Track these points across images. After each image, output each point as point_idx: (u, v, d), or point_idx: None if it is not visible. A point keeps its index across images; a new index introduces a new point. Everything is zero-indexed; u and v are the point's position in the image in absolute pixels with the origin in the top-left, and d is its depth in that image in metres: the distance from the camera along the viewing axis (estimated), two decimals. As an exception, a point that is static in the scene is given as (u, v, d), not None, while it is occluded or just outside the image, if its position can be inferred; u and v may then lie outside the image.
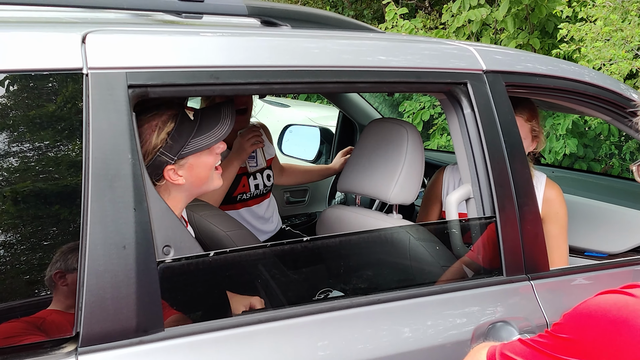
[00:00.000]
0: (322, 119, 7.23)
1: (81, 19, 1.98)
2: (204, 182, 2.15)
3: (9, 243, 1.59)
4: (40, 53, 1.65)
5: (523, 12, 6.95)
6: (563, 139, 6.08)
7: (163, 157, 2.03)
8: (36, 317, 1.64)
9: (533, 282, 2.25)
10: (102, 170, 1.64)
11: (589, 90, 2.58)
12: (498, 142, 2.24)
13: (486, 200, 2.23)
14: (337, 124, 4.64)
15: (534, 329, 2.16)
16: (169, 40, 1.87)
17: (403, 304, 2.06)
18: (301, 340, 1.87)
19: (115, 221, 1.64)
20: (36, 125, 1.66)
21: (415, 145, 2.56)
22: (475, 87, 2.26)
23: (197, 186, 2.14)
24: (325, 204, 4.54)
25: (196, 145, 2.07)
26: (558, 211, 2.92)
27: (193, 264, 1.84)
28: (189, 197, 2.18)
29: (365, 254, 2.30)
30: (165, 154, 2.03)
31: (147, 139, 2.01)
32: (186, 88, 1.83)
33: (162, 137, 2.03)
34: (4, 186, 1.60)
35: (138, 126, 1.85)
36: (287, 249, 2.12)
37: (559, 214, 2.92)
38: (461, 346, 2.04)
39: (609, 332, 1.48)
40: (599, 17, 5.56)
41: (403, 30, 7.26)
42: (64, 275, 1.63)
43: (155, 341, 1.68)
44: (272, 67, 1.94)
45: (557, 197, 2.94)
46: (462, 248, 2.39)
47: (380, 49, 2.24)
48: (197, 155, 2.09)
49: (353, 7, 11.09)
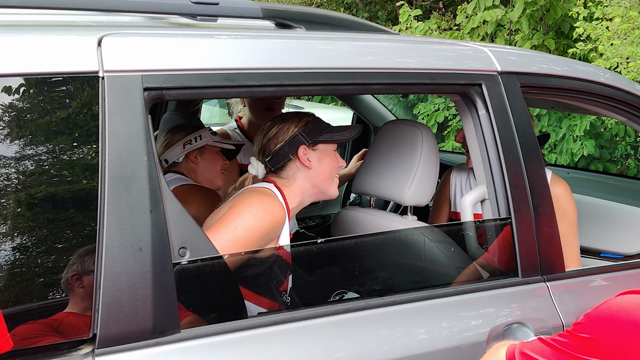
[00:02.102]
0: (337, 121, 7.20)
1: (97, 22, 1.99)
2: (327, 180, 2.41)
3: (27, 245, 1.60)
4: (57, 56, 1.66)
5: (538, 13, 6.92)
6: (580, 140, 6.06)
7: (300, 136, 2.36)
8: (53, 319, 1.65)
9: (549, 284, 2.24)
10: (118, 172, 1.65)
11: (604, 91, 2.57)
12: (513, 143, 2.24)
13: (501, 201, 2.23)
14: (351, 126, 4.63)
15: (550, 330, 2.15)
16: (184, 43, 1.88)
17: (418, 306, 2.05)
18: (316, 341, 1.87)
19: (132, 223, 1.65)
20: (53, 128, 1.67)
21: (429, 147, 2.55)
22: (490, 88, 2.26)
23: (321, 180, 2.40)
24: (339, 206, 4.53)
25: (329, 137, 2.41)
26: (565, 207, 2.89)
27: (209, 266, 1.85)
28: (310, 192, 2.41)
29: (380, 255, 2.30)
30: (303, 134, 2.36)
31: (287, 128, 2.37)
32: (201, 90, 1.84)
33: (301, 124, 2.38)
34: (21, 189, 1.61)
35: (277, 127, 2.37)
36: (302, 251, 2.12)
37: (567, 210, 2.90)
38: (477, 348, 2.04)
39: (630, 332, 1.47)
40: (615, 15, 5.52)
41: (417, 31, 7.25)
42: (81, 278, 1.64)
43: (172, 342, 1.69)
44: (287, 70, 1.95)
45: (564, 193, 2.92)
46: (478, 249, 2.38)
47: (395, 51, 2.24)
48: (326, 149, 2.41)
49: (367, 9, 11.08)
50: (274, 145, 2.37)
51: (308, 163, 2.36)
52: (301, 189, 2.38)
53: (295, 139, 2.36)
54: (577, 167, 5.98)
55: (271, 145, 2.38)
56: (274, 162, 2.37)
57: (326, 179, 2.41)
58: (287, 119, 2.40)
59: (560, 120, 6.31)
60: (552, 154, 6.23)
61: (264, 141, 2.40)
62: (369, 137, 4.52)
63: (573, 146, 6.06)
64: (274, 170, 2.39)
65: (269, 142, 2.38)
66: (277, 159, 2.37)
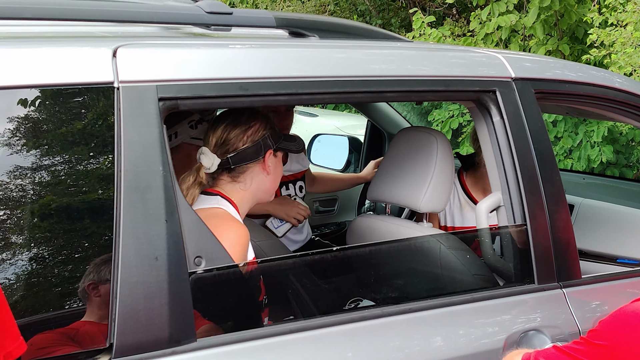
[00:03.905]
0: (351, 128, 7.23)
1: (112, 33, 2.01)
2: (271, 188, 2.34)
3: (44, 255, 1.61)
4: (73, 67, 1.67)
5: (552, 18, 6.90)
6: (598, 147, 6.03)
7: (268, 140, 2.26)
8: (70, 328, 1.66)
9: (565, 290, 2.23)
10: (133, 182, 1.66)
11: (619, 96, 2.56)
12: (528, 149, 2.23)
13: (517, 207, 2.22)
14: (365, 133, 4.64)
15: (566, 337, 2.14)
16: (199, 53, 1.89)
17: (434, 313, 2.05)
18: (332, 350, 1.87)
19: (147, 233, 1.66)
20: (69, 139, 1.68)
21: (444, 154, 2.55)
22: (504, 95, 2.25)
23: (272, 188, 2.34)
24: (354, 213, 4.53)
25: (287, 145, 2.35)
26: None
27: (224, 275, 1.85)
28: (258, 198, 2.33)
29: (396, 263, 2.30)
30: (270, 138, 2.27)
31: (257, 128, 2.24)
32: (216, 100, 1.85)
33: (269, 127, 2.28)
34: (38, 199, 1.62)
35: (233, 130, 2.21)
36: (317, 259, 2.12)
37: None
38: (493, 355, 2.03)
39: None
40: (629, 22, 5.50)
41: (431, 38, 7.24)
42: (97, 287, 1.64)
43: (188, 352, 1.69)
44: (301, 78, 1.95)
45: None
46: (493, 256, 2.38)
47: (409, 58, 2.24)
48: (279, 158, 2.34)
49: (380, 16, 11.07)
50: (242, 143, 2.21)
51: (269, 169, 2.27)
52: (253, 195, 2.29)
53: (265, 141, 2.25)
54: (593, 173, 5.95)
55: (238, 142, 2.21)
56: (236, 160, 2.21)
57: (275, 188, 2.36)
58: (255, 118, 2.26)
59: (576, 126, 6.28)
60: (568, 160, 6.20)
61: (230, 135, 2.21)
62: (384, 144, 4.52)
63: (591, 152, 6.03)
64: (233, 168, 2.23)
65: (235, 138, 2.21)
66: (241, 158, 2.21)
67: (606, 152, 5.98)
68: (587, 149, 6.08)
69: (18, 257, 1.59)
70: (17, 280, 1.59)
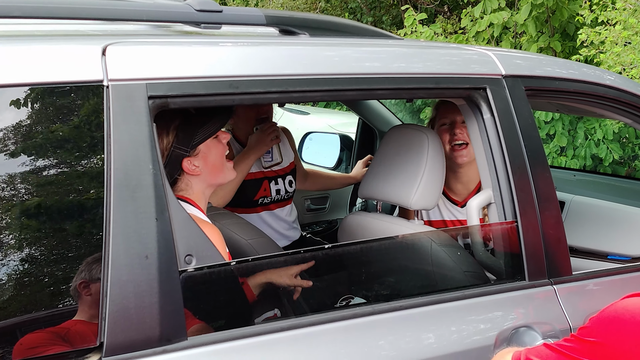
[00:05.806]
0: (342, 125, 7.24)
1: (101, 31, 2.00)
2: (219, 171, 2.26)
3: (34, 254, 1.61)
4: (62, 66, 1.67)
5: (544, 15, 6.91)
6: (605, 144, 6.03)
7: (178, 150, 2.14)
8: (61, 327, 1.65)
9: (556, 287, 2.24)
10: (123, 180, 1.65)
11: (609, 93, 2.57)
12: (518, 146, 2.24)
13: (507, 204, 2.23)
14: (357, 131, 4.65)
15: (557, 333, 2.15)
16: (189, 51, 1.88)
17: (426, 310, 2.05)
18: (323, 347, 1.87)
19: (138, 231, 1.66)
20: (58, 137, 1.68)
21: (435, 151, 2.55)
22: (494, 92, 2.25)
23: (214, 175, 2.24)
24: (346, 211, 4.54)
25: (204, 133, 2.18)
26: None
27: (215, 273, 1.85)
28: (209, 189, 2.28)
29: (387, 260, 2.30)
30: (179, 147, 2.14)
31: (160, 139, 2.08)
32: (206, 98, 1.85)
33: (172, 133, 2.13)
34: (27, 198, 1.62)
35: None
36: (308, 257, 2.12)
37: None
38: (485, 352, 2.04)
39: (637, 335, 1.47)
40: (618, 20, 5.51)
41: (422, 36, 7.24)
42: (88, 286, 1.64)
43: (179, 350, 1.69)
44: (291, 76, 1.95)
45: None
46: (484, 253, 2.38)
47: (399, 56, 2.24)
48: (208, 145, 2.19)
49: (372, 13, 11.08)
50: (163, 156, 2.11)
51: (196, 170, 2.18)
52: (202, 192, 2.24)
53: (174, 155, 2.14)
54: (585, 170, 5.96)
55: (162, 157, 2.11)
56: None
57: (219, 171, 2.26)
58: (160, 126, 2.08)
59: (573, 124, 6.29)
60: (561, 157, 6.21)
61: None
62: (375, 142, 4.52)
63: (598, 151, 6.03)
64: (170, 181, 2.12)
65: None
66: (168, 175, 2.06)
67: (615, 149, 5.99)
68: (592, 148, 6.08)
69: (7, 256, 1.58)
70: (7, 279, 1.58)
